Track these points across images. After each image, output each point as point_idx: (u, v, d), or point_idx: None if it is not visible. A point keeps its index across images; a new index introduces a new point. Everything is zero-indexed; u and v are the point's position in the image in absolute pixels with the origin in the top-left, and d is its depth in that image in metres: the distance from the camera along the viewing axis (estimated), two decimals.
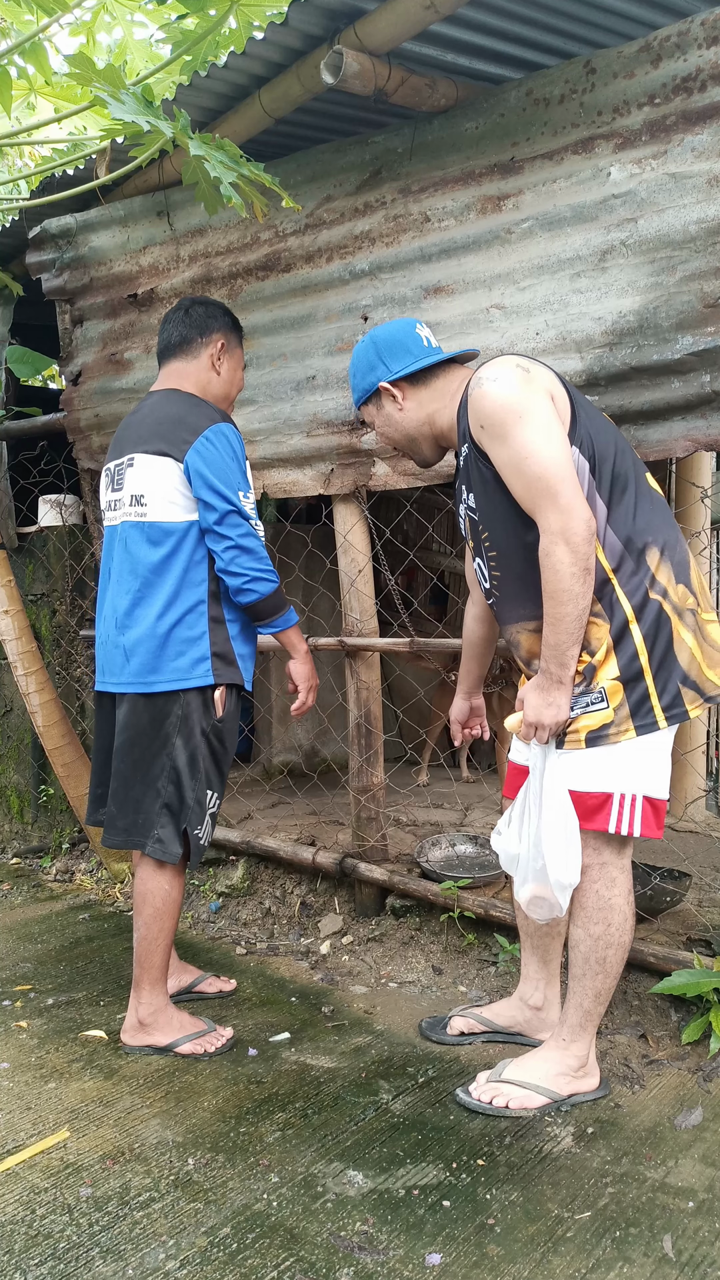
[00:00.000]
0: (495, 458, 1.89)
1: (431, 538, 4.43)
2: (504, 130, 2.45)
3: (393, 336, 2.11)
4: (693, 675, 1.91)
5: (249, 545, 2.22)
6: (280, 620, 2.32)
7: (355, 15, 2.28)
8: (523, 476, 1.84)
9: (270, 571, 2.26)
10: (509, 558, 1.99)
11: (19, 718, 4.25)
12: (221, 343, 2.40)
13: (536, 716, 1.90)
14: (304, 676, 2.41)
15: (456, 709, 2.48)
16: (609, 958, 1.98)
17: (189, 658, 2.27)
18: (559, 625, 1.83)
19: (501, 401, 1.84)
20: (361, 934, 2.99)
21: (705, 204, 2.12)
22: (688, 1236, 1.65)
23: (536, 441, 1.81)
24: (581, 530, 1.79)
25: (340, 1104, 2.09)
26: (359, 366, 2.14)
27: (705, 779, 3.88)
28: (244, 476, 2.28)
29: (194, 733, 2.28)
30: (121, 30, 3.73)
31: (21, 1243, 1.66)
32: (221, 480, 2.21)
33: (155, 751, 2.29)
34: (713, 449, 2.24)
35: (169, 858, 2.27)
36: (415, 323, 2.13)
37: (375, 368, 2.10)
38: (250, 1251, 1.62)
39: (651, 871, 2.61)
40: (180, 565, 2.27)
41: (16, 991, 2.71)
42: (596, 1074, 2.09)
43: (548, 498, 1.80)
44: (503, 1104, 2.02)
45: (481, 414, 1.87)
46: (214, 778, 2.34)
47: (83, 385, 3.63)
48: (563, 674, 1.87)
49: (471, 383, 1.93)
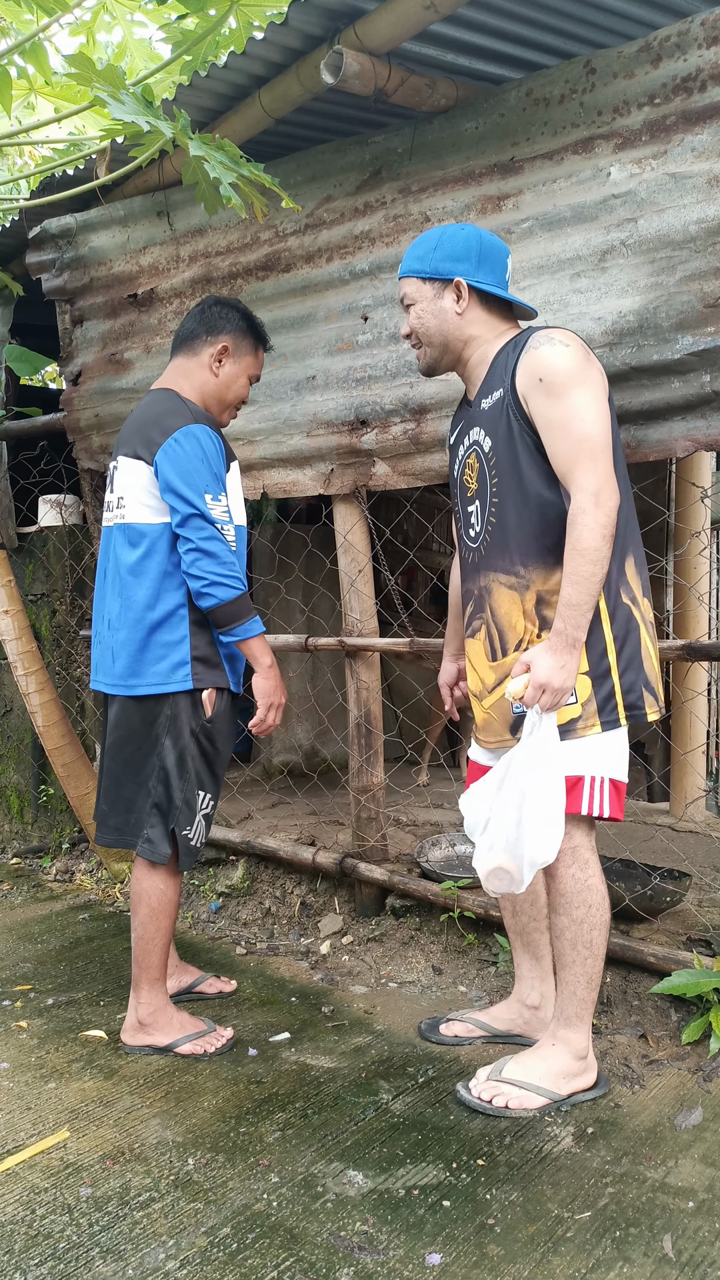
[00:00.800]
0: (541, 412, 1.91)
1: (431, 538, 4.44)
2: (504, 130, 2.45)
3: (494, 248, 2.07)
4: (653, 681, 2.02)
5: (210, 549, 2.18)
6: (241, 629, 2.23)
7: (355, 15, 2.28)
8: (570, 436, 1.87)
9: (233, 578, 2.20)
10: (511, 508, 2.00)
11: (19, 718, 4.25)
12: (225, 345, 2.37)
13: (546, 678, 1.87)
14: (264, 692, 2.29)
15: (445, 672, 2.48)
16: (595, 939, 2.00)
17: (169, 662, 2.26)
18: (582, 583, 1.85)
19: (570, 363, 1.88)
20: (361, 934, 2.99)
21: (705, 204, 2.12)
22: (688, 1236, 1.65)
23: (592, 408, 1.87)
24: (613, 497, 1.85)
25: (340, 1104, 2.09)
26: (447, 246, 2.05)
27: (705, 779, 3.87)
28: (215, 479, 2.23)
29: (183, 733, 2.27)
30: (121, 30, 3.73)
31: (21, 1243, 1.66)
32: (185, 483, 2.18)
33: (146, 751, 2.29)
34: (713, 449, 2.24)
35: (157, 858, 2.27)
36: (509, 254, 2.12)
37: (463, 260, 2.04)
38: (250, 1251, 1.62)
39: (651, 871, 2.61)
40: (157, 568, 2.25)
41: (16, 991, 2.71)
42: (595, 1069, 2.09)
43: (590, 460, 1.85)
44: (502, 1104, 2.02)
45: (544, 367, 1.89)
46: (205, 778, 2.32)
47: (83, 385, 3.63)
48: (577, 635, 1.87)
49: (538, 336, 1.94)
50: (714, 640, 4.12)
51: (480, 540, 2.10)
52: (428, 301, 2.08)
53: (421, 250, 2.09)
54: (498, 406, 2.00)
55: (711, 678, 3.98)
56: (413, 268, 2.10)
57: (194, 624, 2.27)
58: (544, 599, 1.98)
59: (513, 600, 2.03)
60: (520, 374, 1.94)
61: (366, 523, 2.99)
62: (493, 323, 2.08)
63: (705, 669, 3.72)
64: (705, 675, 3.75)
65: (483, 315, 2.07)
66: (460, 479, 2.17)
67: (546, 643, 1.91)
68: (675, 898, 2.61)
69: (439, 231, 2.09)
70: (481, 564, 2.10)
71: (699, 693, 3.72)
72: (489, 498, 2.05)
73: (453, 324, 2.07)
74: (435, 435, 2.69)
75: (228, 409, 2.46)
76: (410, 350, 2.69)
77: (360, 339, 2.81)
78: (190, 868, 2.34)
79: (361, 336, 2.81)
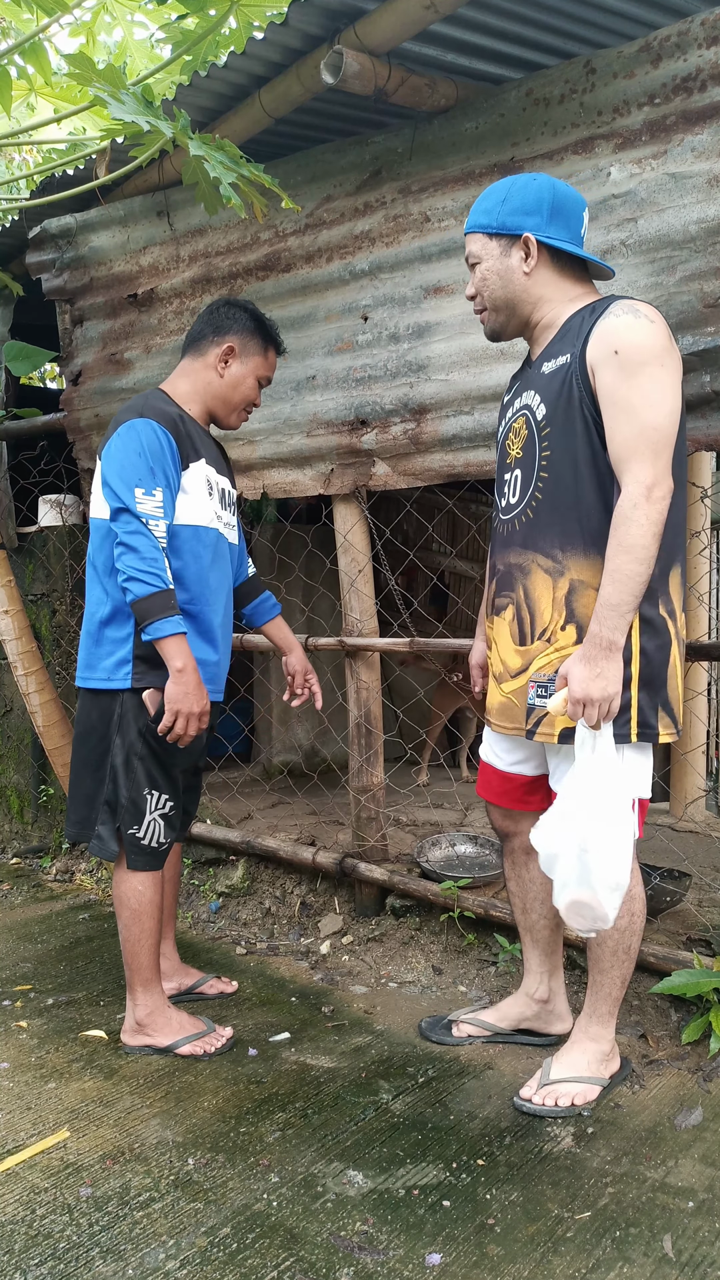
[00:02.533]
0: (609, 388, 1.76)
1: (431, 538, 4.44)
2: (504, 130, 2.45)
3: (570, 200, 1.89)
4: (673, 703, 1.91)
5: (133, 544, 2.12)
6: (153, 627, 2.11)
7: (355, 15, 2.28)
8: (635, 420, 1.73)
9: (151, 575, 2.10)
10: (561, 482, 1.86)
11: (19, 718, 4.25)
12: (231, 345, 2.33)
13: (584, 691, 1.74)
14: (171, 698, 2.14)
15: (477, 652, 2.33)
16: (633, 945, 2.03)
17: (115, 658, 2.24)
18: (625, 583, 1.72)
19: (653, 340, 1.74)
20: (361, 934, 2.99)
21: (705, 204, 2.12)
22: (688, 1236, 1.65)
23: (666, 396, 1.73)
24: (666, 495, 1.73)
25: (340, 1104, 2.09)
26: (517, 199, 1.88)
27: (705, 779, 3.88)
28: (150, 473, 2.16)
29: (129, 732, 2.24)
30: (121, 30, 3.73)
31: (21, 1243, 1.66)
32: (117, 476, 2.16)
33: (103, 749, 2.28)
34: (713, 449, 2.24)
35: (105, 854, 2.27)
36: (586, 206, 1.95)
37: (534, 214, 1.86)
38: (250, 1251, 1.62)
39: (651, 871, 2.61)
40: (107, 562, 2.25)
41: (16, 991, 2.71)
42: (618, 1051, 2.15)
43: (650, 452, 1.72)
44: (567, 1103, 2.03)
45: (623, 340, 1.74)
46: (158, 778, 2.26)
47: (83, 385, 3.63)
48: (615, 638, 1.74)
49: (622, 304, 1.79)
50: (714, 640, 4.12)
51: (517, 514, 1.96)
52: (494, 260, 1.91)
53: (489, 203, 1.91)
54: (561, 372, 1.84)
55: (711, 678, 3.98)
56: (479, 222, 1.92)
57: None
58: (576, 589, 1.86)
59: (546, 585, 1.90)
60: (594, 341, 1.78)
61: (366, 523, 2.99)
62: (565, 284, 1.91)
63: (705, 669, 3.72)
64: (705, 675, 3.75)
65: (554, 275, 1.90)
66: (503, 443, 2.04)
67: (580, 651, 1.78)
68: (675, 898, 2.62)
69: (508, 182, 1.91)
70: (516, 540, 1.97)
71: (699, 693, 3.72)
72: (536, 470, 1.90)
73: (520, 284, 1.90)
74: (435, 435, 2.69)
75: (235, 411, 2.41)
76: (410, 350, 2.69)
77: (360, 339, 2.82)
78: (148, 868, 2.28)
79: (361, 336, 2.81)
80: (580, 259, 1.94)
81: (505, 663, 2.04)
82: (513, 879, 2.28)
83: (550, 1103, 2.03)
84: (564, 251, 1.90)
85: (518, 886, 2.27)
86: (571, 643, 1.89)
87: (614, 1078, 2.11)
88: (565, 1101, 2.03)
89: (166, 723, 2.16)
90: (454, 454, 2.67)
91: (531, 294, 1.92)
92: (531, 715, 1.97)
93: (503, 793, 2.21)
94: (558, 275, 1.92)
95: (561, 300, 1.93)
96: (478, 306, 2.01)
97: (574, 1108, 2.02)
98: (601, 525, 1.82)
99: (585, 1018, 2.10)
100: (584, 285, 1.95)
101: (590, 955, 2.06)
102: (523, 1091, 2.07)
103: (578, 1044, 2.11)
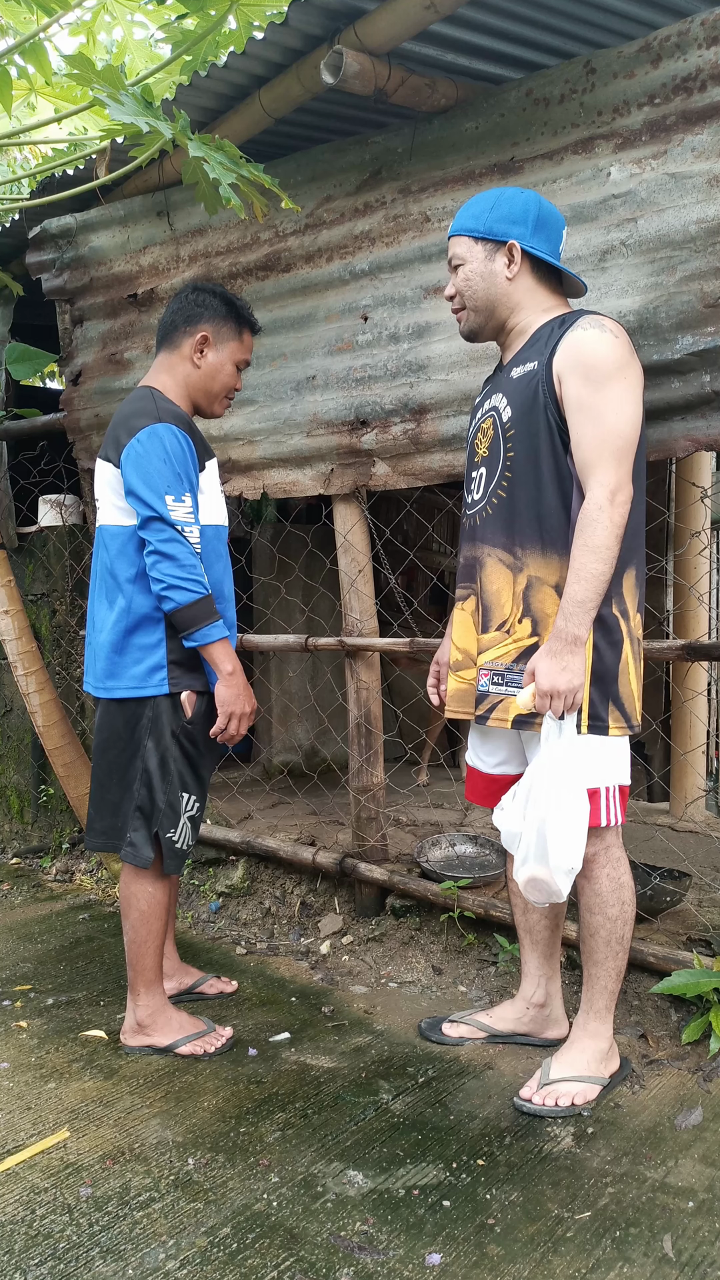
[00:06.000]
0: (575, 396, 1.86)
1: (431, 538, 4.44)
2: (504, 130, 2.45)
3: (551, 217, 2.01)
4: (624, 699, 1.97)
5: (170, 551, 2.13)
6: (199, 634, 2.16)
7: (355, 15, 2.28)
8: (600, 427, 1.83)
9: (193, 581, 2.14)
10: (523, 482, 1.96)
11: (19, 718, 4.25)
12: (205, 334, 2.31)
13: (550, 684, 1.83)
14: (224, 701, 2.21)
15: (443, 650, 2.38)
16: (625, 935, 2.04)
17: (145, 665, 2.23)
18: (590, 581, 1.82)
19: (618, 353, 1.85)
20: (361, 934, 2.99)
21: (705, 204, 2.12)
22: (688, 1236, 1.65)
23: (629, 405, 1.84)
24: (627, 500, 1.83)
25: (340, 1104, 2.09)
26: (504, 207, 1.98)
27: (705, 779, 3.87)
28: (177, 479, 2.17)
29: (164, 735, 2.24)
30: (121, 30, 3.73)
31: (21, 1243, 1.66)
32: (145, 484, 2.14)
33: (130, 754, 2.27)
34: (713, 449, 2.24)
35: (140, 862, 2.25)
36: (565, 224, 2.08)
37: (520, 224, 1.97)
38: (250, 1251, 1.62)
39: (651, 871, 2.61)
40: (129, 569, 2.23)
41: (16, 991, 2.71)
42: (618, 1051, 2.16)
43: (613, 457, 1.82)
44: (567, 1103, 2.03)
45: (589, 352, 1.85)
46: (189, 780, 2.29)
47: (83, 385, 3.63)
48: (579, 633, 1.84)
49: (590, 318, 1.90)
50: (714, 640, 4.12)
51: (479, 509, 2.06)
52: (478, 263, 2.01)
53: (477, 209, 2.00)
54: (528, 378, 1.94)
55: (711, 678, 3.98)
56: (466, 226, 2.01)
57: (171, 626, 2.23)
58: (533, 585, 1.96)
59: (506, 579, 2.00)
60: (561, 352, 1.88)
61: (366, 523, 2.99)
62: (541, 294, 2.02)
63: (705, 669, 3.72)
64: (705, 675, 3.75)
65: (532, 284, 2.01)
66: (472, 442, 2.14)
67: (546, 645, 1.87)
68: (675, 898, 2.61)
69: (496, 192, 2.01)
70: (477, 534, 2.07)
71: (699, 693, 3.72)
72: (500, 469, 2.00)
73: (501, 289, 2.01)
74: (435, 435, 2.69)
75: (216, 399, 2.39)
76: (410, 350, 2.69)
77: (360, 339, 2.82)
78: (177, 871, 2.30)
79: (361, 336, 2.81)
80: (556, 275, 2.06)
81: (464, 650, 2.13)
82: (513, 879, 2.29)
83: (550, 1103, 2.03)
84: (544, 264, 2.02)
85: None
86: (527, 635, 1.98)
87: (614, 1077, 2.10)
88: (565, 1101, 2.03)
89: (220, 724, 2.23)
90: (454, 454, 2.67)
91: (511, 299, 2.02)
92: (484, 702, 2.04)
93: (489, 795, 2.23)
94: (536, 284, 2.03)
95: (536, 309, 2.03)
96: (456, 306, 2.10)
97: (574, 1108, 2.02)
98: (559, 525, 1.92)
99: (584, 1015, 2.11)
100: (557, 297, 2.06)
101: (584, 949, 2.08)
102: (523, 1091, 2.07)
103: (577, 1042, 2.11)
